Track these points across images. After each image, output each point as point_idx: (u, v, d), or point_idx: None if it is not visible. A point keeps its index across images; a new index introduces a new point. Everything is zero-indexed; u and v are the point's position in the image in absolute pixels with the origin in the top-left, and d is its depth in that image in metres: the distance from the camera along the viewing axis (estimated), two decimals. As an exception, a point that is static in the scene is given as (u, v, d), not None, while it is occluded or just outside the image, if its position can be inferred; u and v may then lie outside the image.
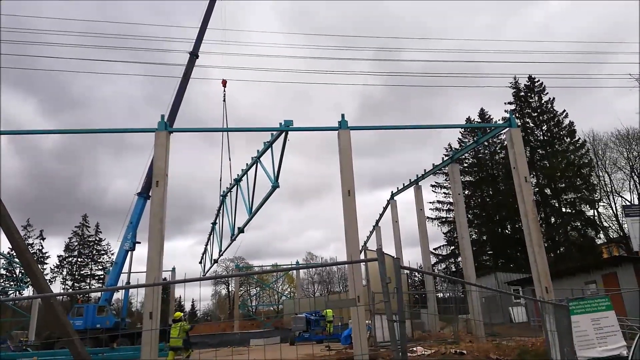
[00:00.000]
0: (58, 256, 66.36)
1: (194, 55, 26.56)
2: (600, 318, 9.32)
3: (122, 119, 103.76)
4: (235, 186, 22.70)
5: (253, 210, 20.14)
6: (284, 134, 17.28)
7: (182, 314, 21.12)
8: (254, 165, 19.63)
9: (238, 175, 22.31)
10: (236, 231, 22.97)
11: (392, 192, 29.72)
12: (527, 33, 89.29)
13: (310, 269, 76.52)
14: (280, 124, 17.22)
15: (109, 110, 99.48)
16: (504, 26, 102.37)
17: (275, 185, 17.91)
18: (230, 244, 25.71)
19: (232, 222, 23.44)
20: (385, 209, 31.95)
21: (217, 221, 28.32)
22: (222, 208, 26.42)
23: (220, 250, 28.27)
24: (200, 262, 37.23)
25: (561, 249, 44.11)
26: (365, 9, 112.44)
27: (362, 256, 21.72)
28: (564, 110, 47.27)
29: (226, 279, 71.08)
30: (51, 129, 36.97)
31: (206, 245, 34.51)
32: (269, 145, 18.21)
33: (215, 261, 31.66)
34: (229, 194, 24.51)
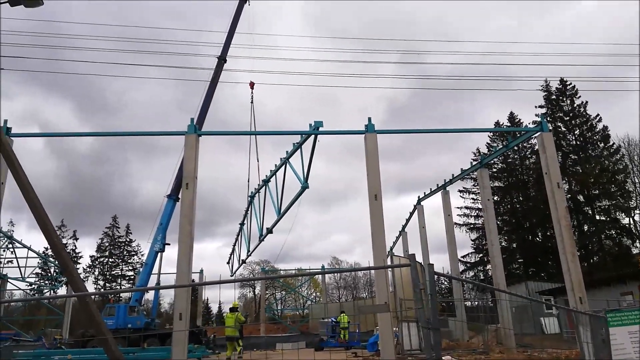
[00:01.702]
0: (90, 256, 68.30)
1: (222, 59, 26.95)
2: (638, 331, 8.99)
3: (152, 122, 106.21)
4: (264, 187, 22.93)
5: (282, 210, 20.29)
6: (314, 135, 17.42)
7: (238, 303, 21.35)
8: (283, 166, 19.81)
9: (266, 176, 22.53)
10: (264, 232, 23.20)
11: (418, 197, 29.43)
12: (558, 35, 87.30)
13: (336, 274, 76.39)
14: (310, 124, 17.35)
15: (140, 114, 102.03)
16: (533, 28, 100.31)
17: (305, 186, 18.01)
18: (259, 244, 25.97)
19: (260, 222, 23.68)
20: (412, 214, 31.65)
21: (245, 222, 28.65)
22: (250, 209, 26.68)
23: (248, 251, 28.56)
24: (228, 263, 37.68)
25: (595, 258, 42.74)
26: (392, 12, 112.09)
27: (388, 261, 21.55)
28: (598, 115, 45.95)
29: (252, 282, 71.69)
30: (84, 132, 38.20)
31: (234, 245, 34.92)
32: (298, 146, 18.33)
33: (244, 261, 31.93)
34: (257, 195, 24.75)
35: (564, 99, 47.69)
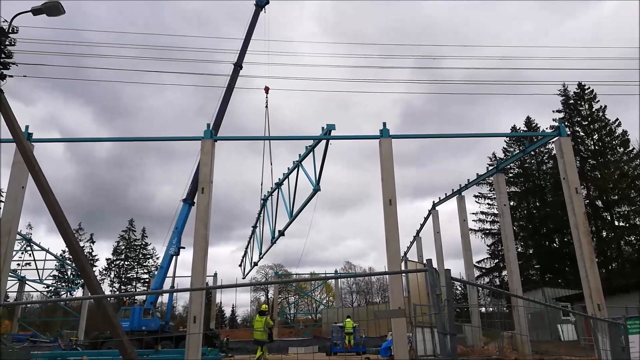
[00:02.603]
0: (106, 259, 69.10)
1: (238, 66, 27.22)
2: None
3: (172, 128, 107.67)
4: (277, 190, 23.07)
5: (294, 213, 20.43)
6: (326, 134, 17.53)
7: (267, 306, 21.31)
8: (296, 169, 19.95)
9: (279, 179, 22.69)
10: (276, 234, 23.34)
11: (433, 201, 29.24)
12: (576, 39, 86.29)
13: (349, 279, 76.19)
14: (322, 128, 17.44)
15: (159, 120, 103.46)
16: (551, 33, 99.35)
17: (317, 189, 18.11)
18: (270, 247, 26.12)
19: (272, 225, 23.81)
20: (426, 219, 31.44)
21: (258, 225, 28.80)
22: (262, 212, 26.83)
23: (260, 254, 28.68)
24: (240, 266, 37.86)
25: (614, 265, 41.93)
26: (408, 17, 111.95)
27: (402, 266, 21.45)
28: (617, 119, 45.19)
29: (265, 286, 71.84)
30: (103, 137, 39.04)
31: (246, 248, 35.07)
32: (310, 149, 18.45)
33: (255, 264, 32.00)
34: (269, 198, 24.90)
35: (582, 104, 47.01)
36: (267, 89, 28.86)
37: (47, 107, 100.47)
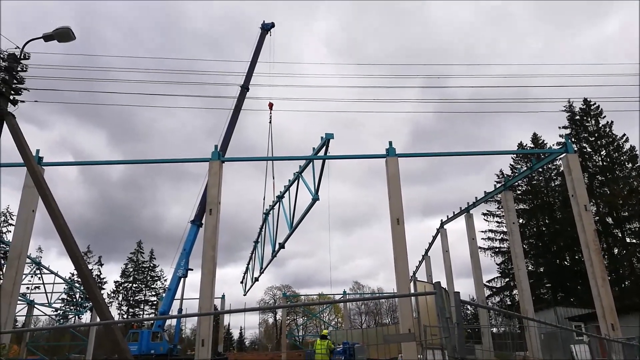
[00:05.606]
0: (115, 282, 69.01)
1: (244, 88, 27.61)
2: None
3: (183, 150, 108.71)
4: (278, 203, 23.15)
5: (294, 224, 20.57)
6: (325, 145, 17.69)
7: (327, 331, 21.41)
8: (296, 181, 20.14)
9: (280, 192, 22.80)
10: (277, 247, 23.35)
11: (441, 220, 29.11)
12: (581, 57, 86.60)
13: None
14: (322, 137, 17.61)
15: (171, 142, 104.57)
16: (557, 50, 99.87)
17: (315, 198, 18.24)
18: (271, 260, 26.06)
19: (273, 238, 23.84)
20: (434, 237, 31.27)
21: (260, 240, 28.75)
22: (264, 226, 26.86)
23: (261, 268, 28.52)
24: (242, 282, 37.60)
25: (626, 283, 41.20)
26: (415, 37, 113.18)
27: (411, 286, 21.21)
28: (624, 134, 44.96)
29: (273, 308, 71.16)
30: (112, 160, 39.25)
31: (248, 264, 34.83)
32: (309, 161, 18.64)
33: (256, 279, 31.72)
34: (271, 211, 24.98)
35: (589, 120, 46.88)
36: (271, 105, 29.16)
37: (62, 130, 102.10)
